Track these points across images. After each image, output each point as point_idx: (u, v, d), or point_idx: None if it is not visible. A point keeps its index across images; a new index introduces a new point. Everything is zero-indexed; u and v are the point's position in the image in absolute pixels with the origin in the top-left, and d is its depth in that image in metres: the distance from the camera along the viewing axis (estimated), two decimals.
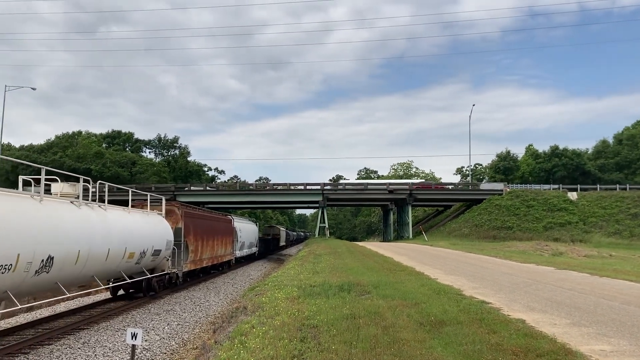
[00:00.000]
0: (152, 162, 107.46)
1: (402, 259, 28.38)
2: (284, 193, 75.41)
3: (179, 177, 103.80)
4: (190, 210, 28.45)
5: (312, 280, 17.49)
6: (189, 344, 14.47)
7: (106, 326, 15.88)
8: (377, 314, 11.08)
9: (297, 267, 24.85)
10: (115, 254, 16.45)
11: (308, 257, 32.29)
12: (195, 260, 27.32)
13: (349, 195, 78.90)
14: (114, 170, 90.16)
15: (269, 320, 10.65)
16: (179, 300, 22.24)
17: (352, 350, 8.19)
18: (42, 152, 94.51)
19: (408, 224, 75.03)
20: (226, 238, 35.75)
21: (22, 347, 12.62)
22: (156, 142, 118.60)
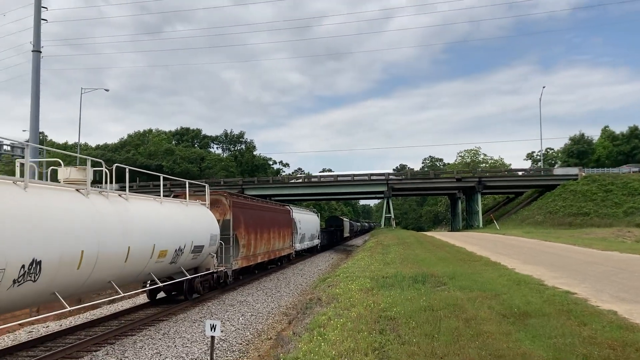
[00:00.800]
0: (220, 157, 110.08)
1: (475, 249, 27.62)
2: (348, 184, 75.27)
3: (245, 171, 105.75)
4: (240, 199, 25.33)
5: (384, 271, 17.26)
6: (263, 335, 14.60)
7: (184, 318, 16.27)
8: (456, 305, 10.75)
9: (367, 258, 24.66)
10: (140, 253, 13.62)
11: (376, 247, 32.03)
12: (248, 256, 24.26)
13: (414, 185, 77.77)
14: (184, 166, 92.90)
15: (345, 312, 10.54)
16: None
17: (434, 343, 7.95)
18: (116, 150, 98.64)
19: (478, 212, 73.18)
20: (284, 230, 32.81)
21: (107, 338, 13.13)
22: (223, 138, 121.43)
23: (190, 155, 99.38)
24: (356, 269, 19.60)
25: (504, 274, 15.81)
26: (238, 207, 23.09)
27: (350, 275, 17.43)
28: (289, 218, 35.20)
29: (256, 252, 25.66)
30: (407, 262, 20.00)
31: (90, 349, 12.16)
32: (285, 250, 33.29)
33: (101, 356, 11.59)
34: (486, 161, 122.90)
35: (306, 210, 48.14)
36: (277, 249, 30.59)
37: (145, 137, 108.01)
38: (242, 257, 23.13)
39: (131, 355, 11.71)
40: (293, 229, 36.00)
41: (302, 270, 32.14)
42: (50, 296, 10.40)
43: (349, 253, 46.67)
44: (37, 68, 34.56)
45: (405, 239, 37.98)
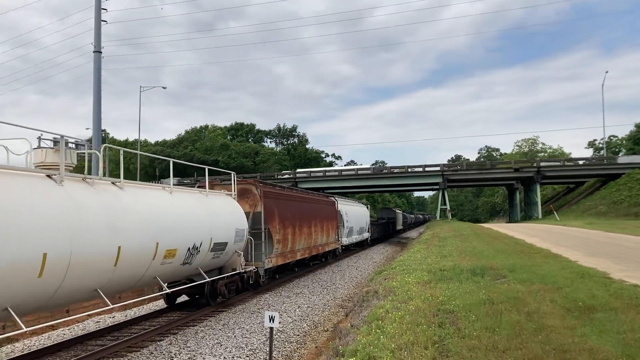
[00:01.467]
0: (273, 151, 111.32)
1: (535, 241, 26.88)
2: (401, 176, 74.56)
3: (298, 165, 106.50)
4: (273, 189, 22.63)
5: (441, 264, 17.06)
6: (319, 327, 14.73)
7: (242, 309, 16.60)
8: (517, 299, 10.51)
9: (423, 250, 24.41)
10: (136, 253, 10.98)
11: (432, 240, 31.66)
12: (285, 253, 21.69)
13: (470, 176, 76.21)
14: (239, 161, 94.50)
15: (403, 305, 10.48)
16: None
17: (495, 337, 7.81)
18: (174, 146, 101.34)
19: (536, 203, 71.08)
20: (328, 223, 29.82)
21: (170, 328, 13.57)
22: (276, 132, 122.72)
23: (244, 150, 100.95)
24: (412, 261, 19.45)
25: (567, 267, 15.32)
26: (271, 198, 20.60)
27: (407, 268, 17.31)
28: (334, 210, 32.39)
29: (294, 247, 23.04)
30: (464, 255, 19.68)
31: (155, 339, 12.59)
32: (330, 245, 30.47)
33: (165, 345, 11.98)
34: (545, 150, 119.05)
35: (354, 201, 44.22)
36: (320, 244, 27.86)
37: (201, 133, 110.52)
38: (277, 255, 20.63)
39: (193, 344, 12.06)
40: (339, 221, 33.18)
41: (352, 266, 30.35)
42: (2, 313, 8.03)
43: (403, 246, 46.24)
44: (99, 68, 35.82)
45: (461, 231, 37.35)
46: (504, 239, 29.78)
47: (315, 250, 26.99)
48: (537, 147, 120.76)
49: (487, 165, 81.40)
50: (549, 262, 16.67)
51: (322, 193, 35.70)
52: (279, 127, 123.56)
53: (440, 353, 7.21)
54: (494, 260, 17.37)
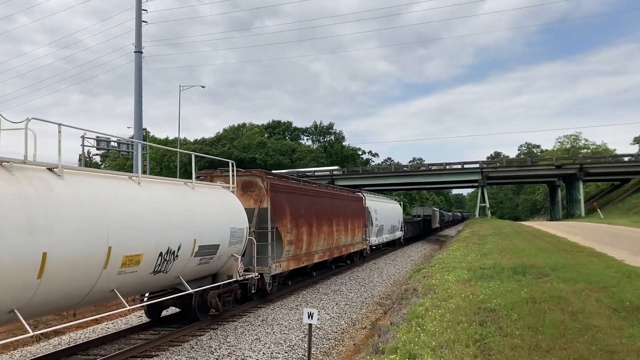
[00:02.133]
0: (310, 148, 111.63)
1: (578, 239, 26.21)
2: (439, 173, 73.80)
3: (335, 162, 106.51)
4: (283, 182, 19.00)
5: (481, 262, 16.83)
6: (357, 324, 14.71)
7: (281, 305, 16.72)
8: (560, 298, 10.29)
9: (462, 248, 24.12)
10: (74, 261, 8.29)
11: (472, 238, 31.24)
12: (299, 256, 18.79)
13: (510, 173, 74.80)
14: (276, 159, 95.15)
15: (443, 303, 10.39)
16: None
17: (538, 336, 7.67)
18: (212, 144, 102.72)
19: (579, 201, 69.31)
20: (354, 221, 26.51)
21: (211, 324, 13.77)
22: (313, 130, 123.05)
23: (281, 148, 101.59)
24: (452, 259, 19.24)
25: (612, 266, 14.90)
26: (281, 192, 17.55)
27: (446, 266, 17.14)
28: (361, 207, 29.05)
29: (311, 249, 19.93)
30: (505, 253, 19.36)
31: (195, 334, 12.80)
32: (356, 246, 27.36)
33: (205, 340, 12.17)
34: (588, 147, 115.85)
35: (384, 197, 41.08)
36: (343, 245, 24.72)
37: (239, 131, 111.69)
38: (288, 258, 17.76)
39: (233, 340, 12.21)
40: (367, 219, 29.92)
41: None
42: None
43: (441, 244, 45.74)
44: (139, 68, 36.59)
45: (502, 229, 36.74)
46: (546, 237, 29.15)
47: (337, 251, 23.85)
48: (579, 144, 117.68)
49: (528, 162, 79.70)
50: (594, 261, 16.25)
51: (348, 188, 31.41)
52: (315, 124, 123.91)
53: (481, 351, 7.11)
54: (536, 258, 17.04)
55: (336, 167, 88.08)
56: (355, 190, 31.06)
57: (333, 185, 32.20)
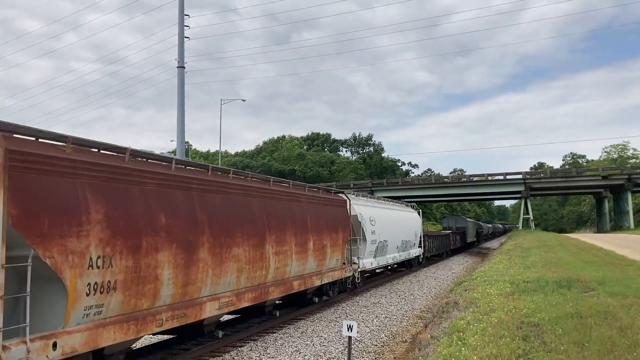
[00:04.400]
0: (349, 160, 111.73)
1: (627, 252, 25.36)
2: (481, 184, 72.67)
3: (374, 173, 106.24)
4: (83, 156, 7.85)
5: (524, 275, 16.48)
6: (397, 337, 14.57)
7: (320, 317, 16.71)
8: (607, 313, 9.98)
9: (505, 261, 23.67)
10: None
11: (514, 250, 30.61)
12: (135, 315, 8.55)
13: (554, 184, 73.08)
14: (315, 170, 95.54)
15: (485, 316, 10.21)
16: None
17: (584, 352, 7.46)
18: (252, 157, 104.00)
19: (627, 212, 67.09)
20: (326, 236, 17.19)
21: (251, 334, 13.87)
22: (351, 141, 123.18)
23: (320, 160, 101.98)
24: (494, 272, 18.91)
25: None
26: (59, 172, 7.25)
27: (488, 279, 16.84)
28: (342, 214, 19.26)
29: (196, 292, 10.41)
30: (549, 266, 18.90)
31: (236, 345, 12.92)
32: (327, 275, 17.52)
33: (246, 352, 12.26)
34: (636, 156, 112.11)
35: (391, 203, 30.44)
36: (298, 275, 15.36)
37: (279, 143, 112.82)
38: (86, 326, 7.52)
39: (272, 352, 12.26)
40: (355, 233, 21.07)
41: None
42: None
43: (478, 261, 44.66)
44: (182, 82, 37.50)
45: (546, 242, 35.87)
46: (592, 249, 28.32)
47: (284, 287, 14.41)
48: (627, 153, 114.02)
49: (573, 172, 77.71)
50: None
51: (322, 188, 20.00)
52: (354, 136, 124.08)
53: None
54: (582, 272, 16.58)
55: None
56: (334, 190, 20.35)
57: (288, 181, 16.62)
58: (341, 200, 19.74)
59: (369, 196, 26.08)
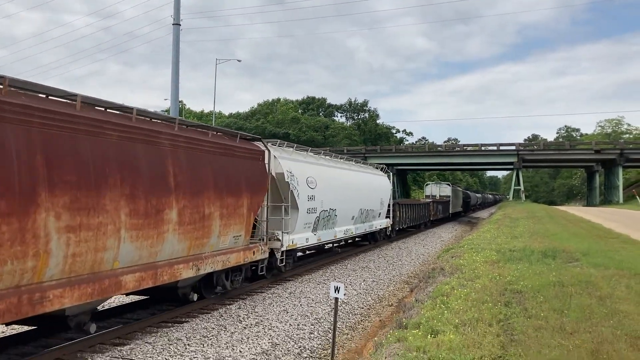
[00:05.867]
0: (344, 125, 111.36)
1: (613, 226, 25.74)
2: (474, 154, 72.97)
3: (368, 140, 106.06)
4: None
5: (511, 244, 16.75)
6: (384, 301, 14.86)
7: (309, 279, 16.98)
8: (589, 282, 10.23)
9: (493, 230, 23.99)
10: None
11: (503, 220, 30.98)
12: None
13: (547, 156, 73.47)
14: (309, 135, 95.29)
15: (469, 282, 10.44)
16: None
17: (563, 319, 7.67)
18: (247, 118, 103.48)
19: (618, 187, 67.70)
20: (214, 201, 11.40)
21: (240, 294, 14.11)
22: (347, 106, 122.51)
23: (315, 124, 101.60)
24: (481, 241, 19.19)
25: None
26: None
27: (475, 247, 17.11)
28: (253, 172, 13.42)
29: None
30: (536, 236, 19.20)
31: (225, 303, 13.15)
32: (215, 261, 11.74)
33: (234, 309, 12.49)
34: (630, 131, 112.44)
35: (348, 162, 23.55)
36: (142, 264, 9.40)
37: (273, 106, 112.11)
38: None
39: (261, 310, 12.50)
40: (275, 199, 15.61)
41: None
42: None
43: (463, 233, 44.84)
44: (177, 40, 36.97)
45: (535, 213, 36.29)
46: (580, 222, 28.72)
47: (94, 287, 8.22)
48: (621, 128, 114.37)
49: (566, 145, 78.01)
50: (628, 248, 16.01)
51: (202, 125, 12.38)
52: (350, 101, 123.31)
53: (504, 331, 7.17)
54: (568, 243, 16.86)
55: None
56: (246, 136, 13.89)
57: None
58: (253, 151, 13.58)
59: (312, 151, 19.50)
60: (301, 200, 16.56)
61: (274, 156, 15.38)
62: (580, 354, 6.09)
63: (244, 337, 10.21)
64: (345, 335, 11.33)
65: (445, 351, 6.18)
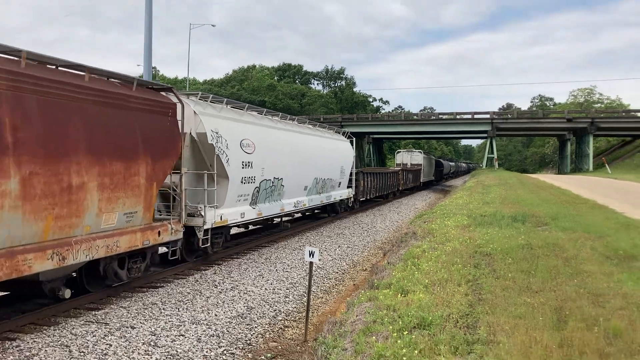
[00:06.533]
0: (320, 93, 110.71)
1: (582, 192, 26.36)
2: (449, 123, 73.41)
3: (345, 108, 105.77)
4: None
5: (482, 210, 17.07)
6: (358, 266, 15.10)
7: (284, 245, 17.13)
8: (556, 245, 10.53)
9: (466, 197, 24.37)
10: None
11: (476, 187, 31.46)
12: None
13: (520, 125, 74.21)
14: (286, 102, 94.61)
15: (440, 246, 10.67)
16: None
17: (530, 279, 7.93)
18: (222, 85, 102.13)
19: (588, 155, 68.99)
20: (91, 168, 8.56)
21: (216, 259, 14.18)
22: (323, 74, 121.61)
23: (291, 92, 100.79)
24: (454, 206, 19.50)
25: (611, 217, 15.11)
26: None
27: (448, 212, 17.40)
28: (157, 130, 10.46)
29: None
30: (507, 202, 19.58)
31: (200, 268, 13.22)
32: (97, 246, 8.83)
33: (209, 274, 12.58)
34: (601, 101, 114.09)
35: (298, 125, 20.18)
36: None
37: (249, 73, 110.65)
38: None
39: (236, 275, 12.62)
40: (196, 166, 13.08)
41: None
42: None
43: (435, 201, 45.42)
44: (150, 4, 36.03)
45: (507, 180, 36.90)
46: (550, 189, 29.32)
47: None
48: (593, 98, 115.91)
49: (539, 114, 78.98)
50: (594, 213, 16.45)
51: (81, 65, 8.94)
52: (326, 69, 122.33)
53: (473, 290, 7.39)
54: (537, 208, 17.25)
55: None
56: (141, 81, 10.83)
57: None
58: (158, 104, 10.72)
59: (248, 108, 16.01)
60: (232, 167, 13.62)
61: (194, 112, 12.50)
62: (545, 311, 6.32)
63: (220, 302, 10.32)
64: (320, 298, 11.53)
65: (415, 309, 6.36)
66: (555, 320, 5.99)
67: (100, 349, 7.51)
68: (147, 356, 7.41)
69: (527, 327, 5.72)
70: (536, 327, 5.74)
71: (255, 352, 8.03)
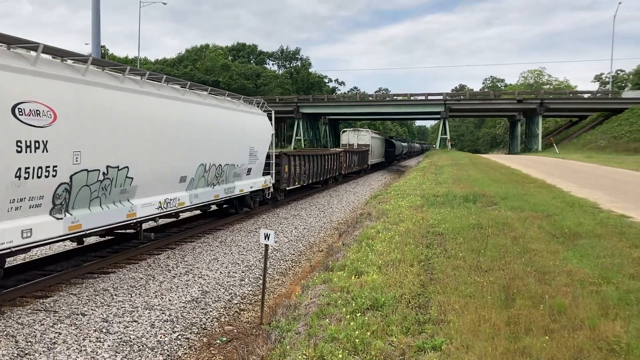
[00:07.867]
0: (276, 74, 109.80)
1: (531, 172, 27.13)
2: (403, 104, 74.09)
3: (300, 89, 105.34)
4: None
5: (435, 190, 17.36)
6: (315, 247, 15.17)
7: (240, 228, 17.02)
8: (505, 224, 10.81)
9: (419, 177, 24.73)
10: None
11: (429, 168, 31.96)
12: None
13: (473, 106, 75.70)
14: (240, 83, 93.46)
15: (394, 226, 10.80)
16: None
17: (480, 258, 8.12)
18: (174, 65, 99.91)
19: (537, 135, 71.05)
20: None
21: (169, 243, 13.98)
22: (279, 54, 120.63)
23: (246, 72, 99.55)
24: (407, 187, 19.77)
25: (558, 196, 15.62)
26: None
27: (401, 193, 17.63)
28: None
29: None
30: (459, 182, 19.97)
31: (153, 253, 13.00)
32: None
33: (163, 259, 12.39)
34: (550, 82, 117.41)
35: (176, 90, 13.22)
36: None
37: (202, 52, 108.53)
38: None
39: (190, 259, 12.47)
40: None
41: None
42: None
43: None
44: None
45: (459, 160, 37.63)
46: (501, 169, 30.07)
47: None
48: (542, 79, 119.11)
49: (491, 95, 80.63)
50: (542, 192, 16.95)
51: None
52: (281, 49, 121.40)
53: (425, 270, 7.52)
54: (488, 188, 17.65)
55: None
56: None
57: None
58: None
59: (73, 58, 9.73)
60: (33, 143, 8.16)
61: None
62: (494, 290, 6.49)
63: (173, 286, 10.20)
64: (276, 281, 11.54)
65: (368, 290, 6.43)
66: (504, 299, 6.17)
67: (49, 338, 7.31)
68: (98, 343, 7.26)
69: (476, 306, 5.86)
70: (485, 305, 5.89)
71: (210, 337, 7.99)
